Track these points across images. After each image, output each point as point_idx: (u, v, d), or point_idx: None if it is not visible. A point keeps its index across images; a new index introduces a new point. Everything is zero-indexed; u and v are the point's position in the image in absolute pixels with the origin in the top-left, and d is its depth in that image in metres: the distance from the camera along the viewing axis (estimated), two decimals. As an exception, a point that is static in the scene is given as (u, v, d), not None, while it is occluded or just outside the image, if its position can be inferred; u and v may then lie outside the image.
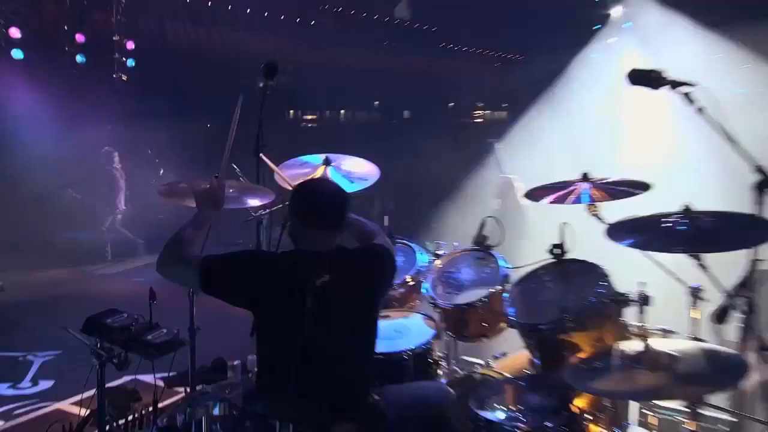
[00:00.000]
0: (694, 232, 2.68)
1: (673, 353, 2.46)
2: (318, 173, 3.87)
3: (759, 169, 2.42)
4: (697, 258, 2.69)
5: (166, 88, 13.23)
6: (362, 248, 2.83)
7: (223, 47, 16.51)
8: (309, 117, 22.02)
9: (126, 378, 4.20)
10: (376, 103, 22.96)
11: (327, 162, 3.90)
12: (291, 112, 20.71)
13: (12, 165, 10.43)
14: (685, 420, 2.71)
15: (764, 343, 2.55)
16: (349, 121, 23.17)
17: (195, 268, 2.47)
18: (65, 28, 11.48)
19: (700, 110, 2.62)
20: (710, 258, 2.71)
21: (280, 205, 3.59)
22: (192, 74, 13.84)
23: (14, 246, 9.61)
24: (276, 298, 2.51)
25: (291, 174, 3.86)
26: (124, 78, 12.43)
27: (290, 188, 3.64)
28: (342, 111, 23.10)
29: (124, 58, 12.37)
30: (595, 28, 22.53)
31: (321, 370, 2.46)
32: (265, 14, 17.08)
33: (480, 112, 24.30)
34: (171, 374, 3.91)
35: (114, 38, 12.16)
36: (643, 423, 3.24)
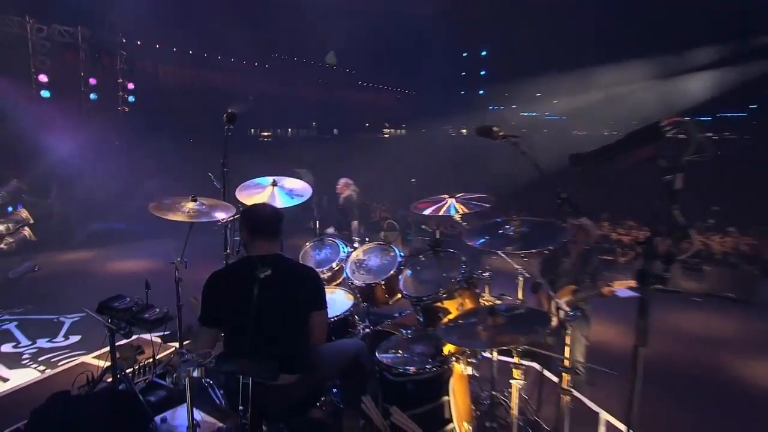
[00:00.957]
0: (518, 235, 2.84)
1: (505, 314, 2.59)
2: (267, 191, 3.81)
3: (558, 194, 2.62)
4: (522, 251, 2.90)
5: (158, 116, 13.01)
6: (299, 264, 2.88)
7: (201, 84, 16.51)
8: (265, 133, 21.93)
9: (133, 337, 4.19)
10: (314, 123, 23.22)
11: (274, 183, 3.85)
12: (252, 130, 20.72)
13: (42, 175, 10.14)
14: (514, 352, 2.86)
15: (558, 304, 2.82)
16: (294, 136, 23.38)
17: (202, 327, 2.59)
18: (81, 74, 11.17)
19: (523, 153, 2.82)
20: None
21: (239, 215, 3.65)
22: (178, 105, 13.67)
23: (42, 236, 9.06)
24: (234, 291, 2.53)
25: (249, 192, 3.82)
26: (126, 110, 12.18)
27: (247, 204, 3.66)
28: (289, 129, 23.23)
29: (126, 96, 12.18)
30: (462, 74, 23.51)
31: (268, 339, 2.49)
32: (232, 59, 17.43)
33: (387, 129, 24.94)
34: (165, 333, 3.96)
35: (118, 81, 11.94)
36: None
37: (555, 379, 3.42)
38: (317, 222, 4.06)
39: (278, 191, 3.79)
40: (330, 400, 3.24)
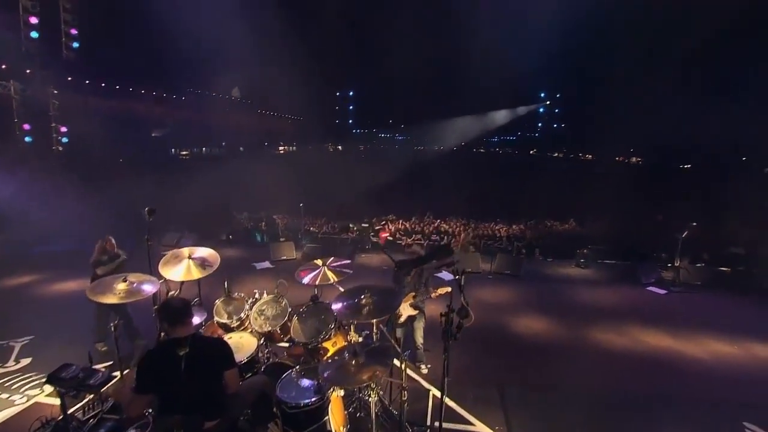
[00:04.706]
0: (370, 302, 3.03)
1: (364, 351, 2.81)
2: (184, 263, 3.58)
3: (396, 266, 2.91)
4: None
5: (86, 155, 11.43)
6: (212, 338, 2.79)
7: (128, 114, 15.00)
8: (184, 152, 21.03)
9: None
10: (224, 143, 22.41)
11: (190, 255, 3.63)
12: (173, 149, 19.83)
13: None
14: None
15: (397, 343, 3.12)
16: (208, 153, 22.50)
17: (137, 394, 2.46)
18: (15, 120, 9.77)
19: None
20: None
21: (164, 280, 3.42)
22: (108, 134, 11.95)
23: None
24: (162, 366, 2.49)
25: (171, 261, 3.57)
26: (61, 149, 10.80)
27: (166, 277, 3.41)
28: (203, 148, 22.10)
29: (59, 138, 10.75)
30: (336, 107, 24.32)
31: (194, 397, 2.48)
32: (154, 93, 16.74)
33: (282, 147, 24.42)
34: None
35: (51, 125, 10.51)
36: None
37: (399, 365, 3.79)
38: (226, 283, 3.85)
39: (192, 263, 3.56)
40: (248, 413, 3.19)
